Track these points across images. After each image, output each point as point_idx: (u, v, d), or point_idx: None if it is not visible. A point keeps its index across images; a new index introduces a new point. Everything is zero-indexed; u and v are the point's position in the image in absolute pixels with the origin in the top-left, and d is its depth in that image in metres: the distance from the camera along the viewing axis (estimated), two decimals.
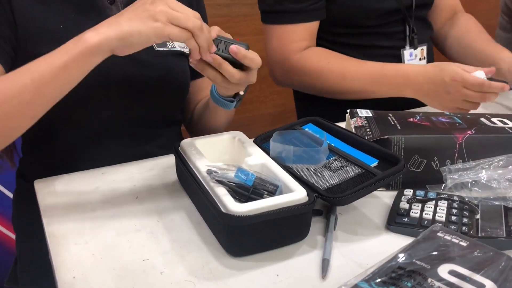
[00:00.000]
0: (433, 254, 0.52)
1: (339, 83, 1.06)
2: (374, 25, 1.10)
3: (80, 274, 0.60)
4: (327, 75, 1.06)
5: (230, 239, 0.63)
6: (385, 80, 1.03)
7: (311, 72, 1.07)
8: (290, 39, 1.07)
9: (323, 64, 1.06)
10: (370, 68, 1.05)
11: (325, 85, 1.07)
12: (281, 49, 1.08)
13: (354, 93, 1.07)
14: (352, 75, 1.05)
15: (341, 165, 0.74)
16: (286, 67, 1.09)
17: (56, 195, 0.77)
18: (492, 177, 0.71)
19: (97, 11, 0.84)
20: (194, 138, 0.79)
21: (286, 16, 1.05)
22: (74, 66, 0.66)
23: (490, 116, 0.87)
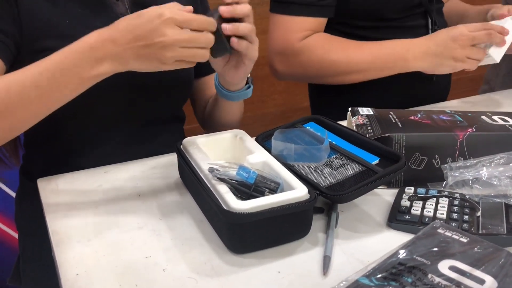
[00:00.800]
0: (433, 250, 0.52)
1: (344, 65, 1.05)
2: (396, 18, 1.09)
3: (83, 271, 0.61)
4: (332, 59, 1.05)
5: (232, 236, 0.63)
6: (388, 57, 1.03)
7: (315, 57, 1.05)
8: (295, 29, 1.05)
9: (327, 47, 1.05)
10: (371, 46, 1.05)
11: (331, 69, 1.06)
12: (284, 38, 1.06)
13: (359, 72, 1.06)
14: (356, 55, 1.04)
15: (342, 163, 0.74)
16: (288, 55, 1.06)
17: (59, 193, 0.78)
18: (493, 174, 0.71)
19: (104, 7, 0.85)
20: (196, 137, 0.79)
21: (295, 7, 1.04)
22: (82, 87, 0.68)
23: (491, 114, 0.87)
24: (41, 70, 0.66)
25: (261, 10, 1.71)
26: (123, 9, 0.86)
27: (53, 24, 0.80)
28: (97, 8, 0.84)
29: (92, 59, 0.66)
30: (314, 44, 1.05)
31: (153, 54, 0.66)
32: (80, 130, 0.88)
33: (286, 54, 1.07)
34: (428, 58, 1.02)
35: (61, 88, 0.67)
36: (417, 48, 1.02)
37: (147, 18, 0.65)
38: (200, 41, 0.67)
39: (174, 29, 0.65)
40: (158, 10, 0.66)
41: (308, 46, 1.05)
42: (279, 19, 1.07)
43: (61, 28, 0.80)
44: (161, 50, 0.65)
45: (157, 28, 0.65)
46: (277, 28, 1.07)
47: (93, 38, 0.67)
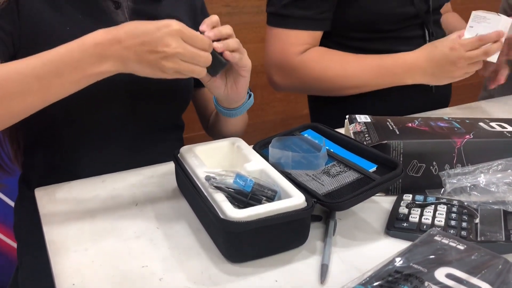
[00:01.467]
0: (430, 258, 0.52)
1: (342, 80, 1.06)
2: (393, 29, 1.09)
3: (80, 281, 0.60)
4: (329, 74, 1.06)
5: (229, 245, 0.63)
6: (387, 72, 1.05)
7: (313, 72, 1.06)
8: (292, 42, 1.06)
9: (325, 63, 1.06)
10: (369, 62, 1.06)
11: (328, 83, 1.07)
12: (281, 51, 1.07)
13: (357, 88, 1.08)
14: (354, 71, 1.06)
15: (340, 170, 0.74)
16: (286, 69, 1.08)
17: (57, 202, 0.78)
18: (491, 181, 0.71)
19: (104, 15, 0.85)
20: (194, 145, 0.79)
21: (291, 21, 1.05)
22: (84, 82, 0.69)
23: (488, 121, 0.87)
24: (44, 61, 0.67)
25: (259, 19, 1.73)
26: (123, 18, 0.87)
27: (54, 30, 0.80)
28: (97, 16, 0.85)
29: (96, 55, 0.67)
30: (312, 60, 1.06)
31: (155, 61, 0.67)
32: (80, 137, 0.88)
33: (284, 68, 1.08)
34: (426, 78, 1.05)
35: (61, 82, 0.67)
36: (416, 69, 1.04)
37: (156, 26, 0.67)
38: (201, 59, 0.69)
39: (178, 42, 0.67)
40: (167, 21, 0.67)
41: (305, 62, 1.06)
42: (276, 33, 1.08)
43: (61, 34, 0.80)
44: (163, 59, 0.67)
45: (163, 37, 0.66)
46: (274, 41, 1.08)
47: (99, 35, 0.67)
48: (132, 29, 0.67)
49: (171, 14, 0.93)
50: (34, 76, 0.66)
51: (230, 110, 0.87)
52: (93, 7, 0.85)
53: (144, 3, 0.90)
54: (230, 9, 1.72)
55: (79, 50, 0.67)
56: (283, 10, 1.05)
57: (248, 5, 1.74)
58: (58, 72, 0.67)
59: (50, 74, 0.66)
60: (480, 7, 1.26)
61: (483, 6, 1.31)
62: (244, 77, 0.80)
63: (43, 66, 0.66)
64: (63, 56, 0.67)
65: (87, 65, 0.67)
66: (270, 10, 1.09)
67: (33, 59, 0.67)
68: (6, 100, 0.66)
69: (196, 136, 1.73)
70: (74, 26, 0.82)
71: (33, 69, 0.66)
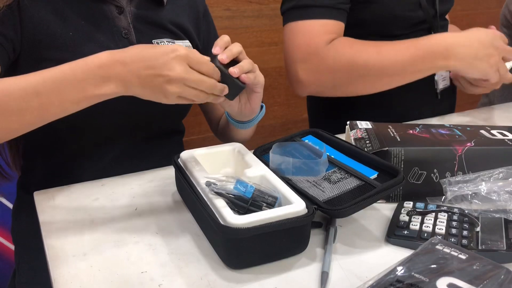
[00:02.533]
0: (431, 267, 0.51)
1: (377, 65, 0.96)
2: (401, 34, 1.06)
3: (78, 286, 0.60)
4: (364, 58, 0.96)
5: (229, 251, 0.63)
6: (425, 51, 0.96)
7: (345, 57, 0.97)
8: (319, 31, 0.98)
9: (358, 47, 0.98)
10: (405, 43, 0.97)
11: (364, 70, 0.97)
12: (308, 44, 0.99)
13: (393, 75, 0.98)
14: (389, 53, 0.96)
15: (340, 177, 0.74)
16: (314, 61, 0.99)
17: (56, 206, 0.77)
18: (492, 189, 0.71)
19: (106, 20, 0.85)
20: (194, 150, 0.79)
21: (315, 10, 0.99)
22: (84, 103, 0.68)
23: (490, 128, 0.87)
24: (45, 79, 0.66)
25: (260, 23, 1.73)
26: (126, 23, 0.87)
27: (56, 35, 0.80)
28: (100, 22, 0.84)
29: (99, 77, 0.66)
30: (343, 45, 0.98)
31: (158, 85, 0.66)
32: (79, 142, 0.88)
33: (311, 60, 0.99)
34: (465, 60, 0.96)
35: (61, 100, 0.67)
36: (459, 47, 0.96)
37: (162, 50, 0.67)
38: (206, 85, 0.68)
39: (183, 67, 0.66)
40: (174, 46, 0.67)
41: (336, 48, 0.98)
42: (299, 26, 1.00)
43: (63, 39, 0.80)
44: (166, 83, 0.66)
45: (168, 62, 0.66)
46: (297, 35, 1.00)
47: (103, 57, 0.67)
48: (138, 53, 0.67)
49: (174, 19, 0.92)
50: (34, 93, 0.65)
51: (242, 123, 0.87)
52: (96, 12, 0.84)
53: (146, 9, 0.89)
54: (231, 13, 1.72)
55: (82, 70, 0.66)
56: (305, 1, 0.99)
57: (249, 9, 1.74)
58: (59, 90, 0.66)
59: (51, 91, 0.66)
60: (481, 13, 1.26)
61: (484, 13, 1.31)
62: (258, 93, 0.80)
63: (43, 83, 0.66)
64: (66, 74, 0.66)
65: (89, 85, 0.66)
66: (287, 6, 1.03)
67: (35, 76, 0.66)
68: (4, 116, 0.65)
69: (195, 140, 1.73)
70: (76, 31, 0.81)
71: (34, 86, 0.65)
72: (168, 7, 0.92)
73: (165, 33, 0.91)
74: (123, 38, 0.86)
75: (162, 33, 0.91)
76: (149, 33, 0.89)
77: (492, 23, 1.15)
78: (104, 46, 0.83)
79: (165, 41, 0.90)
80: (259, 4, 1.72)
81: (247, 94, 0.80)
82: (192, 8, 0.97)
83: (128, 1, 0.88)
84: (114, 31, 0.85)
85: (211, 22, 1.02)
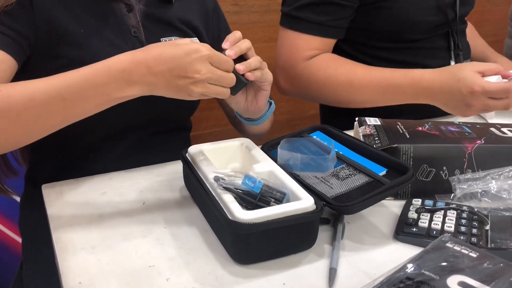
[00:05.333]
0: (442, 265, 0.51)
1: (347, 93, 1.00)
2: (419, 39, 1.06)
3: (86, 279, 0.60)
4: (333, 84, 1.01)
5: (237, 247, 0.63)
6: (397, 90, 0.97)
7: (317, 80, 1.02)
8: (302, 47, 1.02)
9: (331, 71, 1.01)
10: (379, 76, 0.98)
11: (331, 94, 1.02)
12: (289, 55, 1.04)
13: (363, 103, 1.02)
14: (361, 84, 0.99)
15: (349, 173, 0.73)
16: (291, 75, 1.04)
17: (64, 200, 0.77)
18: (502, 187, 0.70)
19: (115, 18, 0.85)
20: (202, 145, 0.79)
21: (304, 24, 1.01)
22: (108, 105, 0.69)
23: (500, 126, 0.86)
24: (69, 83, 0.66)
25: (267, 18, 1.72)
26: (135, 21, 0.87)
27: (68, 32, 0.80)
28: (110, 19, 0.84)
29: (123, 81, 0.66)
30: (317, 68, 1.01)
31: (184, 86, 0.67)
32: (90, 137, 0.88)
33: (288, 72, 1.04)
34: (437, 104, 0.95)
35: (86, 104, 0.67)
36: (429, 93, 0.94)
37: (184, 50, 0.66)
38: (227, 81, 0.69)
39: (208, 67, 0.66)
40: (196, 45, 0.67)
41: (309, 71, 1.02)
42: (287, 35, 1.04)
43: (76, 36, 0.80)
44: (192, 84, 0.67)
45: (193, 63, 0.66)
46: (283, 43, 1.05)
47: (126, 61, 0.66)
48: (160, 54, 0.66)
49: (183, 17, 0.92)
50: (58, 97, 0.65)
51: (251, 120, 0.87)
52: (105, 10, 0.84)
53: (155, 6, 0.89)
54: (238, 7, 1.72)
55: (104, 74, 0.66)
56: (297, 12, 1.02)
57: (256, 4, 1.73)
58: (83, 95, 0.66)
59: (75, 96, 0.66)
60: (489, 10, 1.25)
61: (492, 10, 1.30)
62: (265, 91, 0.79)
63: (67, 87, 0.66)
64: (89, 79, 0.66)
65: (113, 90, 0.66)
66: (283, 11, 1.05)
67: (58, 79, 0.66)
68: (30, 120, 0.66)
69: (201, 135, 1.73)
70: (87, 28, 0.82)
71: (58, 90, 0.65)
72: (177, 5, 0.92)
73: (173, 31, 0.91)
74: (132, 37, 0.86)
75: (170, 31, 0.91)
76: (158, 31, 0.89)
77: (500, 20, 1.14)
78: (114, 44, 0.83)
79: (173, 39, 0.90)
80: None
81: (254, 91, 0.80)
82: (201, 5, 0.97)
83: None
84: (123, 29, 0.85)
85: (221, 17, 1.02)
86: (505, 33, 1.65)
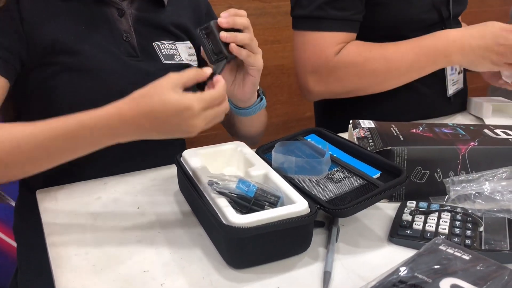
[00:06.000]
0: (435, 268, 0.51)
1: (385, 70, 1.00)
2: (414, 36, 1.05)
3: (81, 285, 0.60)
4: (372, 65, 1.00)
5: (231, 251, 0.62)
6: (430, 50, 0.98)
7: (356, 66, 1.00)
8: (328, 44, 1.01)
9: (366, 54, 1.01)
10: (409, 43, 1.00)
11: (372, 75, 1.01)
12: (318, 55, 1.01)
13: (401, 75, 1.01)
14: (396, 57, 1.00)
15: (343, 176, 0.73)
16: (324, 73, 1.02)
17: (58, 205, 0.77)
18: (496, 189, 0.71)
19: (107, 23, 0.85)
20: (196, 149, 0.79)
21: (326, 23, 1.00)
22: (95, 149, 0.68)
23: (493, 127, 0.86)
24: (55, 135, 0.65)
25: (262, 20, 1.72)
26: (127, 26, 0.87)
27: (58, 41, 0.80)
28: (101, 25, 0.84)
29: (113, 136, 0.65)
30: (351, 57, 1.00)
31: (184, 134, 0.65)
32: None
33: (321, 72, 1.02)
34: (469, 56, 0.98)
35: (73, 151, 0.67)
36: (461, 45, 0.97)
37: (176, 110, 0.63)
38: (221, 113, 0.67)
39: (202, 118, 0.64)
40: (184, 101, 0.63)
41: (344, 60, 1.00)
42: (310, 37, 1.02)
43: (66, 44, 0.81)
44: (191, 133, 0.65)
45: (186, 121, 0.63)
46: (307, 46, 1.03)
47: (114, 117, 0.64)
48: (152, 114, 0.63)
49: (175, 20, 0.92)
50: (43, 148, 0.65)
51: (239, 109, 0.86)
52: (97, 15, 0.84)
53: (147, 11, 0.89)
54: None
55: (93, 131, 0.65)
56: (318, 12, 1.00)
57: (251, 7, 1.73)
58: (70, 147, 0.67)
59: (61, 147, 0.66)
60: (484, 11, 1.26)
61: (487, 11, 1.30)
62: (253, 76, 0.79)
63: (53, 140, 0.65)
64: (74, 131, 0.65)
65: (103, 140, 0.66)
66: (299, 14, 1.03)
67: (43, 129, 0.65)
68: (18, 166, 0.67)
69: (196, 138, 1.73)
70: (77, 35, 0.82)
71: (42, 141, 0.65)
72: (169, 9, 0.92)
73: (166, 35, 0.91)
74: (124, 41, 0.86)
75: (163, 35, 0.91)
76: (150, 35, 0.89)
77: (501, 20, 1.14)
78: (106, 49, 0.83)
79: (165, 43, 0.90)
80: (262, 2, 1.72)
81: (243, 76, 0.79)
82: (194, 8, 0.97)
83: (129, 4, 0.88)
84: (115, 34, 0.85)
85: (214, 18, 1.02)
86: None
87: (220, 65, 0.73)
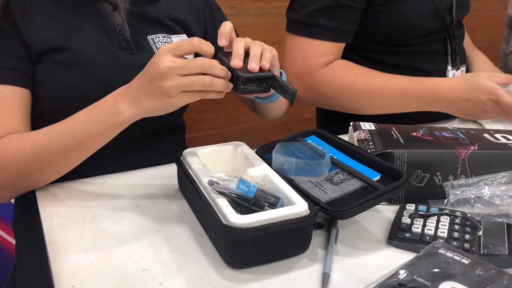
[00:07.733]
0: (434, 271, 0.51)
1: (366, 100, 1.02)
2: (417, 43, 1.07)
3: (79, 283, 0.60)
4: (353, 91, 1.01)
5: (230, 251, 0.63)
6: (414, 96, 1.00)
7: (336, 87, 1.02)
8: (316, 53, 1.02)
9: (350, 79, 1.01)
10: (397, 84, 1.01)
11: (351, 101, 1.03)
12: (304, 62, 1.02)
13: (380, 109, 1.03)
14: (380, 91, 1.00)
15: (343, 178, 0.73)
16: (308, 82, 1.03)
17: (57, 202, 0.77)
18: (495, 193, 0.71)
19: (100, 17, 0.85)
20: (197, 148, 0.79)
21: (316, 30, 1.00)
22: (110, 132, 0.75)
23: (493, 132, 0.86)
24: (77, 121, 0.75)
25: (264, 21, 1.72)
26: (120, 19, 0.87)
27: (48, 38, 0.81)
28: (94, 19, 0.85)
29: (111, 104, 0.72)
30: (335, 77, 1.01)
31: (156, 87, 0.68)
32: None
33: (304, 79, 1.03)
34: (452, 111, 1.01)
35: (91, 136, 0.74)
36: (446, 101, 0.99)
37: (151, 61, 0.69)
38: (192, 65, 0.67)
39: (166, 57, 0.67)
40: (159, 49, 0.69)
41: (327, 78, 1.01)
42: (299, 42, 1.03)
43: (55, 40, 0.81)
44: (160, 80, 0.67)
45: (153, 61, 0.68)
46: (296, 51, 1.03)
47: (118, 91, 0.73)
48: (139, 73, 0.71)
49: (170, 14, 0.92)
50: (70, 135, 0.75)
51: (261, 99, 0.85)
52: (89, 10, 0.84)
53: (141, 4, 0.89)
54: (235, 10, 1.72)
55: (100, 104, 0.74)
56: (309, 18, 1.00)
57: (253, 7, 1.73)
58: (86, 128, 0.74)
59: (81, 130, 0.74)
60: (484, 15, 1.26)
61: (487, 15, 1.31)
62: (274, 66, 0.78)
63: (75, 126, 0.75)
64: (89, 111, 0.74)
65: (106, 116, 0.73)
66: (292, 17, 1.04)
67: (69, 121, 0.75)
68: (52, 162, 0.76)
69: (197, 137, 1.73)
70: (68, 31, 0.82)
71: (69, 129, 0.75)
72: (164, 1, 0.92)
73: (160, 28, 0.91)
74: (118, 35, 0.86)
75: (157, 28, 0.90)
76: (144, 29, 0.89)
77: (495, 25, 1.15)
78: (98, 43, 0.84)
79: (160, 36, 0.90)
80: (264, 2, 1.72)
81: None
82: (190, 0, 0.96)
83: None
84: (108, 28, 0.85)
85: (215, 8, 1.01)
86: (500, 38, 1.66)
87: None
